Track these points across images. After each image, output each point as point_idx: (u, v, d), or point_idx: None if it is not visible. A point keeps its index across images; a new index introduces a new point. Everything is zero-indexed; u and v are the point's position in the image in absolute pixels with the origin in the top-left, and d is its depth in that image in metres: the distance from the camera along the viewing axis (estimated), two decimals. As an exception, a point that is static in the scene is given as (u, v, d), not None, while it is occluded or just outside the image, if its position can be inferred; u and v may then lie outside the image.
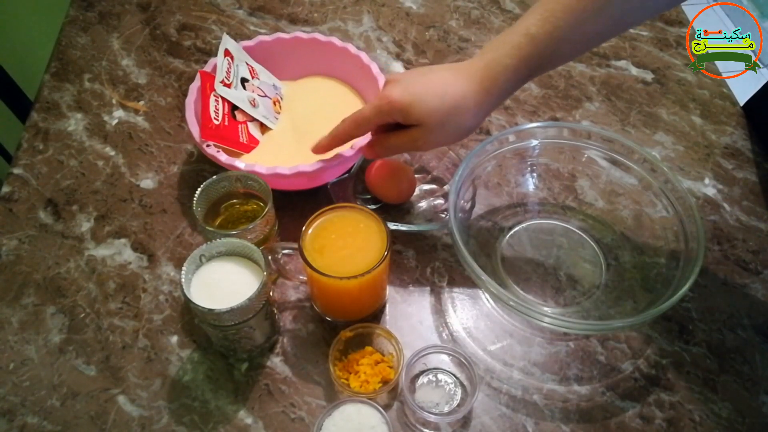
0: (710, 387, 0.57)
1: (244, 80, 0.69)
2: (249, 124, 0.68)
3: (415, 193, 0.68)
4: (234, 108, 0.67)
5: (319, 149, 0.59)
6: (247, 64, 0.70)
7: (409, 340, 0.58)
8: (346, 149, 0.61)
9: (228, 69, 0.67)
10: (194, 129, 0.62)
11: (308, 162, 0.60)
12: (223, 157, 0.60)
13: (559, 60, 0.55)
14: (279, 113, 0.72)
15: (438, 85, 0.52)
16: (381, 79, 0.66)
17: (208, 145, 0.61)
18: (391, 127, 0.56)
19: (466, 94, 0.51)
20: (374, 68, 0.68)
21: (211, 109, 0.64)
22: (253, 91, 0.69)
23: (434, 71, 0.54)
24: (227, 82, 0.67)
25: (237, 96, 0.67)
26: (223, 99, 0.66)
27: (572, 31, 0.50)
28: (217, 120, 0.64)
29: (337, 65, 0.73)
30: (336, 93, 0.74)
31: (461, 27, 0.88)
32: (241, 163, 0.60)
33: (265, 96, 0.70)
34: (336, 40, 0.71)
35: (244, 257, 0.53)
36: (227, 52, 0.68)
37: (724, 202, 0.70)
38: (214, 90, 0.66)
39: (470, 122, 0.53)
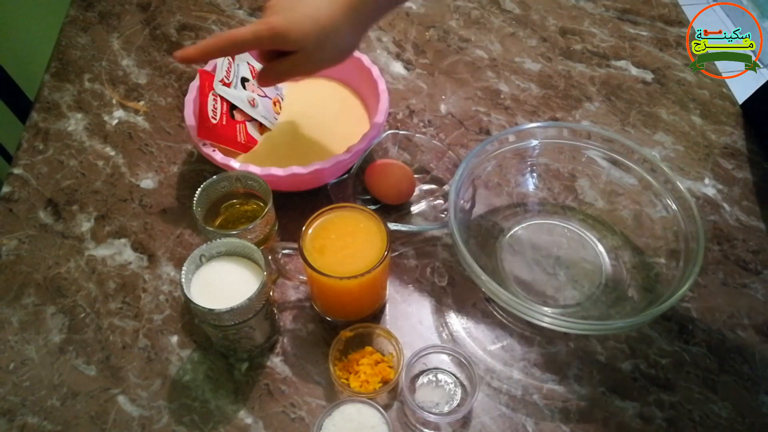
0: (710, 387, 0.57)
1: (244, 80, 0.69)
2: (248, 123, 0.68)
3: (415, 193, 0.68)
4: (233, 107, 0.67)
5: (183, 56, 0.55)
6: (249, 63, 0.70)
7: (409, 340, 0.58)
8: (341, 152, 0.61)
9: (228, 68, 0.67)
10: (192, 127, 0.62)
11: (305, 163, 0.60)
12: (218, 156, 0.60)
13: None
14: (279, 114, 0.72)
15: (311, 8, 0.53)
16: (381, 82, 0.66)
17: (204, 144, 0.61)
18: (277, 54, 0.56)
19: (336, 14, 0.53)
20: (375, 71, 0.68)
21: (209, 108, 0.64)
22: (253, 91, 0.69)
23: None
24: (227, 81, 0.67)
25: (236, 95, 0.67)
26: (222, 98, 0.66)
27: None
28: (215, 119, 0.64)
29: (339, 67, 0.72)
30: (337, 95, 0.74)
31: (461, 27, 0.88)
32: (236, 162, 0.60)
33: (266, 96, 0.70)
34: None
35: (244, 257, 0.53)
36: None
37: (723, 202, 0.70)
38: (213, 89, 0.66)
39: (347, 41, 0.54)
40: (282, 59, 0.56)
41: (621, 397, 0.56)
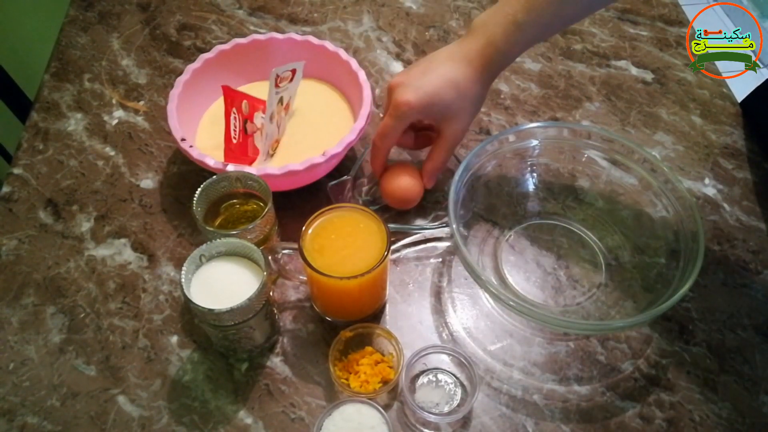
0: (710, 387, 0.57)
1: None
2: (255, 135, 0.67)
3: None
4: (245, 121, 0.66)
5: (378, 172, 0.65)
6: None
7: (409, 340, 0.58)
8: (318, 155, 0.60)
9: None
10: (173, 123, 0.63)
11: (297, 161, 0.60)
12: (194, 153, 0.60)
13: (539, 40, 0.63)
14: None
15: (448, 78, 0.57)
16: (366, 87, 0.66)
17: (191, 146, 0.61)
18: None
19: (473, 78, 0.58)
20: (361, 76, 0.67)
21: (231, 127, 0.64)
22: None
23: (435, 65, 0.59)
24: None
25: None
26: (241, 114, 0.65)
27: (553, 17, 0.56)
28: (235, 138, 0.64)
29: (328, 69, 0.72)
30: (325, 97, 0.73)
31: (461, 27, 0.88)
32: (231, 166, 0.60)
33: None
34: (328, 44, 0.70)
35: (244, 257, 0.53)
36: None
37: (724, 202, 0.70)
38: (234, 107, 0.65)
39: (481, 99, 0.60)
40: (434, 148, 0.62)
41: (621, 397, 0.56)
